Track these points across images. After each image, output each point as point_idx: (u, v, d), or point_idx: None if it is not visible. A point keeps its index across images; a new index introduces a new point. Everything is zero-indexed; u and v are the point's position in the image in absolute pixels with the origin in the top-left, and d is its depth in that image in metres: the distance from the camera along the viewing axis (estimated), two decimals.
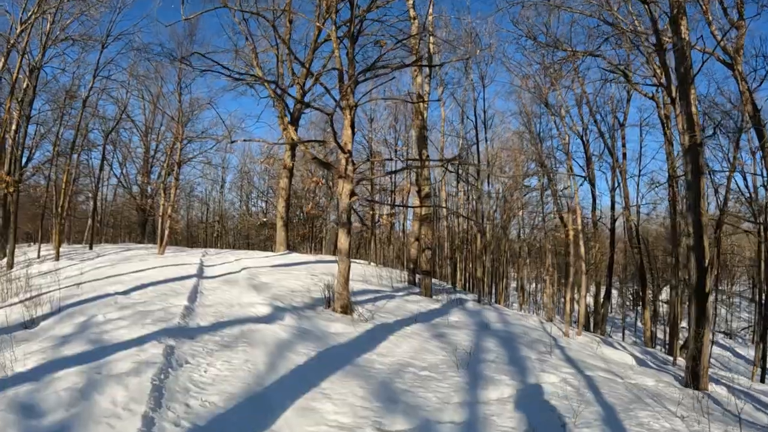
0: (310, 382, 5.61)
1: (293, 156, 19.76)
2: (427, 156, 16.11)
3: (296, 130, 20.01)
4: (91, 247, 22.99)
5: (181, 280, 10.74)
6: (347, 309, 9.83)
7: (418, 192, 17.23)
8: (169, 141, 35.77)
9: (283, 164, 19.61)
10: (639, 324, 27.24)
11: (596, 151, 23.92)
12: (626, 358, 10.55)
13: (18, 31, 15.61)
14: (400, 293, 13.28)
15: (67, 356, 5.86)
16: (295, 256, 17.36)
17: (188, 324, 7.38)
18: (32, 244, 31.41)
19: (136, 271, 12.16)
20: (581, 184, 24.10)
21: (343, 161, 9.96)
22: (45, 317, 7.91)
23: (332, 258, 18.34)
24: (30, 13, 15.54)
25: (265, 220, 38.31)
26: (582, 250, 20.75)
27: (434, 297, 13.99)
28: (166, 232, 17.09)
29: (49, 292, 9.96)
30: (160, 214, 17.25)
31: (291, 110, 19.96)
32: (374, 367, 6.54)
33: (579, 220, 21.21)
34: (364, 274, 14.98)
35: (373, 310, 10.44)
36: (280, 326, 7.73)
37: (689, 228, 9.10)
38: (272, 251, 33.05)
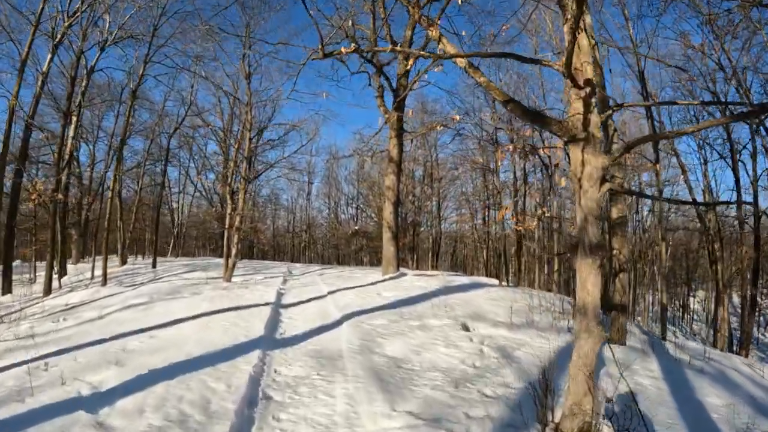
0: None
1: (400, 144, 14.25)
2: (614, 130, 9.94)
3: (402, 109, 14.59)
4: (154, 265, 19.07)
5: (234, 357, 5.42)
6: None
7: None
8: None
9: (389, 156, 14.14)
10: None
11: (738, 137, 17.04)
12: None
13: (65, 24, 13.65)
14: None
15: None
16: (411, 282, 11.84)
17: None
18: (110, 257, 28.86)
19: (170, 323, 7.13)
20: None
21: (579, 105, 4.21)
22: None
23: (461, 280, 12.61)
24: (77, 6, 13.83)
25: (356, 228, 33.54)
26: None
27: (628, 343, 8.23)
28: (233, 252, 12.17)
29: None
30: (227, 226, 12.47)
31: (393, 86, 14.62)
32: None
33: None
34: (512, 306, 9.26)
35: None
36: None
37: None
38: (369, 266, 28.25)
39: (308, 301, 9.23)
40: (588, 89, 4.16)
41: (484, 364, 5.69)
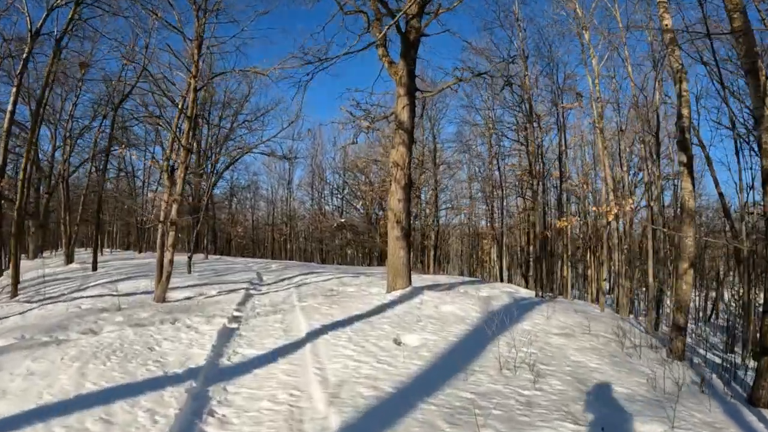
0: None
1: (412, 106, 10.20)
2: None
3: (413, 60, 10.53)
4: (94, 268, 15.15)
5: None
6: None
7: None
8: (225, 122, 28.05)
9: (397, 121, 10.04)
10: None
11: None
12: None
13: None
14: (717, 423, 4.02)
15: None
16: (435, 305, 7.92)
17: None
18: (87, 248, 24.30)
19: None
20: None
21: None
22: None
23: (496, 297, 8.71)
24: None
25: (342, 221, 29.69)
26: None
27: None
28: (168, 257, 8.12)
29: None
30: (161, 218, 8.43)
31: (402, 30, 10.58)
32: None
33: None
34: (600, 347, 5.58)
35: None
36: None
37: None
38: (360, 266, 23.87)
39: (270, 359, 5.18)
40: None
41: None
